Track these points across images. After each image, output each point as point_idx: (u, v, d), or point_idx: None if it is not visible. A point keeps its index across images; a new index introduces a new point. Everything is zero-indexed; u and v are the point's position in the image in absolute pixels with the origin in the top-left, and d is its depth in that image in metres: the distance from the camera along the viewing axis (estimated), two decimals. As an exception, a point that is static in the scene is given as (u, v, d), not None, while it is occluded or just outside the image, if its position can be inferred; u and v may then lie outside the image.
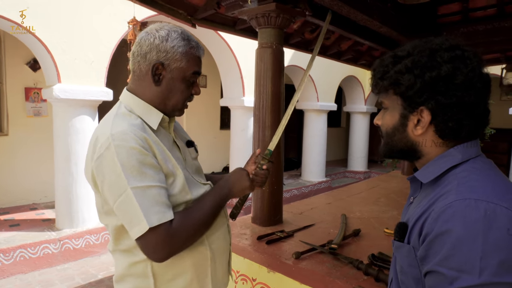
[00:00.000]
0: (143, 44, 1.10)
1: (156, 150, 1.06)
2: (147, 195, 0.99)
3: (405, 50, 0.83)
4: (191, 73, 1.14)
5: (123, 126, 1.03)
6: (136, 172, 0.99)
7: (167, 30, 1.11)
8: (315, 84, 7.90)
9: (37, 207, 5.65)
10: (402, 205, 3.06)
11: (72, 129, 4.36)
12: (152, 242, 1.00)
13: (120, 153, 0.98)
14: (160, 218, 1.00)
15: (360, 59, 4.58)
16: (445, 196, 0.74)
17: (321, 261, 1.83)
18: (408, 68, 0.79)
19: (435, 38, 0.82)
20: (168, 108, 1.15)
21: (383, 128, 0.90)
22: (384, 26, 3.11)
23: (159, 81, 1.12)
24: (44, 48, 4.10)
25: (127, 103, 1.14)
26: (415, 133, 0.83)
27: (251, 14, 2.26)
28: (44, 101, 5.81)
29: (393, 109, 0.86)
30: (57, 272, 4.15)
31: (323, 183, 8.41)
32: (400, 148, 0.87)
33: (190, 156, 1.28)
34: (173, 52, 1.09)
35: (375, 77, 0.88)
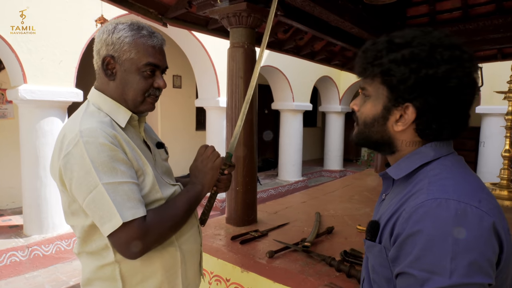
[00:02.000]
0: (96, 42, 1.10)
1: (126, 147, 1.04)
2: (119, 191, 0.97)
3: (403, 38, 0.76)
4: (144, 64, 1.08)
5: (92, 123, 1.01)
6: (107, 168, 0.96)
7: (115, 23, 1.10)
8: (290, 84, 7.96)
9: (3, 213, 5.41)
10: (375, 202, 3.12)
11: (40, 131, 4.20)
12: (126, 237, 0.97)
13: (90, 149, 0.96)
14: (134, 213, 0.98)
15: (333, 59, 4.65)
16: (416, 195, 0.72)
17: (295, 259, 1.83)
18: (405, 59, 0.74)
19: (435, 31, 0.77)
20: (130, 103, 1.12)
21: (361, 116, 0.86)
22: (355, 27, 3.17)
23: (112, 75, 1.09)
24: (8, 47, 3.93)
25: (94, 101, 1.12)
26: (395, 128, 0.80)
27: (222, 13, 2.25)
28: (9, 103, 5.58)
29: (376, 98, 0.81)
30: (26, 280, 3.98)
31: (300, 182, 8.48)
32: (375, 140, 0.84)
33: (160, 157, 1.26)
34: (120, 43, 1.06)
35: (364, 60, 0.81)
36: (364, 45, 0.84)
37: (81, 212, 1.05)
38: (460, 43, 0.76)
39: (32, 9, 4.05)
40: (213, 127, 6.51)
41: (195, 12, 2.61)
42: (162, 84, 1.13)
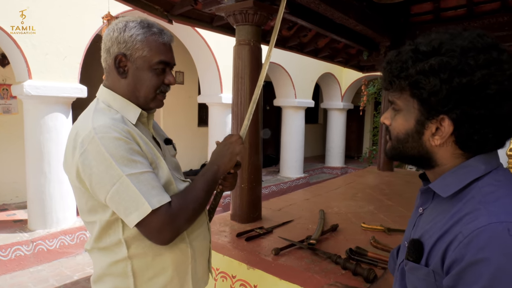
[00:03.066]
0: (105, 39, 1.11)
1: (140, 141, 1.06)
2: (142, 181, 0.99)
3: (430, 45, 0.70)
4: (156, 62, 1.09)
5: (104, 120, 1.02)
6: (126, 161, 0.98)
7: (125, 21, 1.10)
8: (292, 81, 7.96)
9: (8, 208, 5.45)
10: (378, 200, 3.15)
11: (44, 127, 4.22)
12: (156, 224, 1.00)
13: (106, 144, 0.97)
14: (160, 200, 1.00)
15: (336, 56, 4.65)
16: (473, 216, 0.64)
17: (300, 256, 1.85)
18: (434, 70, 0.67)
19: (465, 32, 0.70)
20: (141, 100, 1.13)
21: (394, 131, 0.80)
22: (359, 24, 3.16)
23: (124, 73, 1.10)
24: (13, 43, 3.94)
25: (104, 98, 1.13)
26: (432, 142, 0.73)
27: (229, 11, 2.25)
28: (14, 98, 5.59)
29: (407, 112, 0.75)
30: (30, 274, 4.02)
31: (301, 179, 8.50)
32: (411, 155, 0.78)
33: (169, 153, 1.27)
34: (132, 41, 1.07)
35: (390, 73, 0.75)
36: (387, 56, 0.78)
37: (99, 208, 1.06)
38: (497, 42, 0.69)
39: (36, 5, 4.05)
40: (216, 123, 6.52)
41: (201, 9, 2.61)
42: (173, 80, 1.15)
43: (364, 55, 4.42)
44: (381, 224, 2.34)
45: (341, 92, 9.81)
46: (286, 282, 1.70)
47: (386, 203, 3.02)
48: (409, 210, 2.77)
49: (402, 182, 3.96)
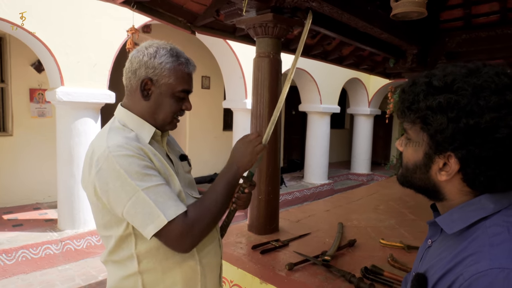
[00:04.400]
0: (134, 61, 1.15)
1: (153, 158, 1.10)
2: (159, 192, 1.03)
3: (443, 80, 0.68)
4: (179, 90, 1.16)
5: (118, 139, 1.07)
6: (141, 176, 1.03)
7: (156, 47, 1.15)
8: (318, 86, 7.89)
9: (40, 207, 5.71)
10: (400, 213, 3.06)
11: (74, 131, 4.40)
12: (174, 234, 1.04)
13: (121, 162, 1.02)
14: (176, 210, 1.04)
15: (362, 64, 4.57)
16: (475, 258, 0.62)
17: (314, 273, 1.83)
18: (442, 107, 0.66)
19: (484, 67, 0.68)
20: (158, 122, 1.18)
21: (404, 159, 0.80)
22: (385, 32, 3.10)
23: (148, 96, 1.15)
24: (48, 51, 4.14)
25: (120, 117, 1.18)
26: (439, 178, 0.72)
27: (249, 23, 2.27)
28: (48, 102, 5.87)
29: (417, 143, 0.75)
30: (58, 272, 4.20)
31: (326, 185, 8.40)
32: (419, 186, 0.78)
33: (183, 170, 1.29)
34: (161, 68, 1.12)
35: (403, 104, 0.75)
36: (404, 84, 0.77)
37: (114, 223, 1.11)
38: None
39: (69, 14, 4.25)
40: (240, 128, 6.56)
41: (223, 20, 2.64)
42: (190, 107, 1.22)
43: (391, 62, 4.31)
44: (401, 240, 2.27)
45: (368, 97, 9.62)
46: (298, 299, 1.69)
47: (409, 217, 2.93)
48: (432, 227, 2.68)
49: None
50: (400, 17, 1.75)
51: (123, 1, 2.28)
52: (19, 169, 5.72)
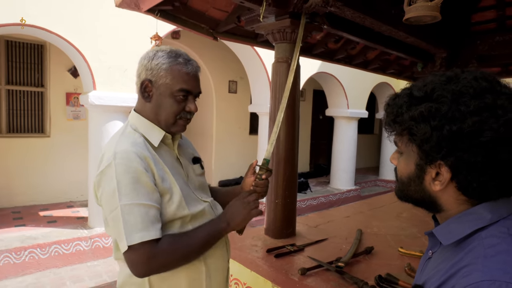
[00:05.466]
0: (138, 66, 1.21)
1: (155, 168, 1.11)
2: (134, 212, 1.04)
3: (422, 90, 0.69)
4: (177, 90, 1.16)
5: (127, 145, 1.11)
6: (129, 189, 1.04)
7: (156, 50, 1.19)
8: (345, 91, 7.79)
9: (73, 205, 6.00)
10: (423, 222, 2.97)
11: (105, 133, 4.59)
12: (132, 259, 1.05)
13: (118, 171, 1.05)
14: (142, 236, 1.03)
15: (388, 68, 4.48)
16: (468, 270, 0.61)
17: (327, 279, 1.82)
18: (424, 117, 0.66)
19: (462, 73, 0.68)
20: (162, 124, 1.20)
21: (398, 173, 0.79)
22: (410, 36, 3.03)
23: (148, 97, 1.19)
24: (82, 58, 4.37)
25: (132, 122, 1.23)
26: (433, 188, 0.71)
27: (268, 29, 2.30)
28: (82, 106, 6.17)
29: (408, 155, 0.74)
30: (87, 268, 4.39)
31: (352, 191, 8.25)
32: (416, 199, 0.77)
33: (194, 173, 1.31)
34: (158, 69, 1.15)
35: (388, 117, 0.76)
36: (387, 98, 0.78)
37: None
38: (494, 85, 0.65)
39: (101, 22, 4.46)
40: (265, 132, 6.58)
41: (244, 26, 2.69)
42: (194, 108, 1.21)
43: (418, 66, 4.20)
44: (421, 250, 2.21)
45: (398, 102, 9.37)
46: (309, 304, 1.68)
47: (432, 226, 2.83)
48: (455, 236, 2.58)
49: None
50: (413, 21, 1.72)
51: (148, 10, 2.37)
52: (55, 168, 6.04)
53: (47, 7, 4.08)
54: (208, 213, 1.27)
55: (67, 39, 4.23)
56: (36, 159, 5.87)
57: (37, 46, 5.88)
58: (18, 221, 5.03)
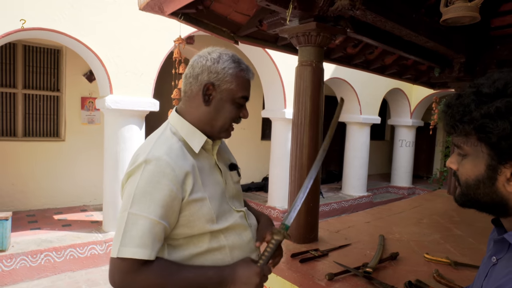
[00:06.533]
0: (196, 66, 1.14)
1: (188, 178, 1.05)
2: (137, 225, 0.99)
3: (493, 86, 0.66)
4: (239, 97, 1.14)
5: (161, 152, 1.05)
6: (143, 199, 1.00)
7: (219, 52, 1.15)
8: (358, 96, 7.76)
9: (87, 209, 6.03)
10: (446, 228, 2.93)
11: (121, 137, 4.62)
12: (114, 267, 1.00)
13: (142, 178, 1.01)
14: (135, 253, 0.97)
15: (405, 73, 4.45)
16: None
17: (355, 284, 1.79)
18: (501, 113, 0.63)
19: None
20: (215, 129, 1.16)
21: (462, 177, 0.75)
22: (431, 41, 3.01)
23: (208, 101, 1.13)
24: (99, 62, 4.41)
25: (173, 124, 1.17)
26: (508, 188, 0.67)
27: (292, 32, 2.30)
28: (97, 110, 6.23)
29: (475, 157, 0.71)
30: (102, 272, 4.39)
31: (364, 197, 8.18)
32: (484, 202, 0.73)
33: (232, 180, 1.25)
34: (224, 73, 1.11)
35: (451, 118, 0.72)
36: (447, 99, 0.75)
37: None
38: None
39: (119, 27, 4.51)
40: (278, 138, 6.58)
41: (266, 30, 2.70)
42: (247, 115, 1.20)
43: (436, 72, 4.17)
44: (447, 256, 2.17)
45: (410, 108, 9.31)
46: (338, 310, 1.65)
47: (455, 233, 2.79)
48: (480, 243, 2.54)
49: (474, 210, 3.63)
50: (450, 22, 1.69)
51: (171, 13, 2.39)
52: (69, 172, 6.09)
53: (65, 12, 4.14)
54: (240, 225, 1.19)
55: (85, 43, 4.29)
56: (50, 163, 5.93)
57: (53, 51, 5.96)
58: (33, 225, 5.06)
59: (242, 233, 1.19)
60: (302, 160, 2.32)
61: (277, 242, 1.14)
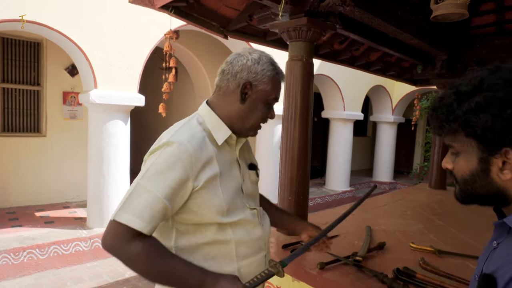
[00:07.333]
0: (236, 64, 1.18)
1: (205, 168, 1.09)
2: (141, 197, 1.03)
3: (470, 84, 0.71)
4: (272, 98, 1.21)
5: (183, 137, 1.09)
6: (155, 175, 1.05)
7: (259, 54, 1.21)
8: (342, 93, 7.88)
9: (70, 206, 5.92)
10: (428, 219, 3.03)
11: (105, 133, 4.56)
12: (109, 230, 1.05)
13: (161, 156, 1.06)
14: (131, 220, 1.01)
15: (389, 70, 4.56)
16: None
17: (345, 272, 1.84)
18: (481, 106, 0.67)
19: (503, 64, 0.71)
20: (246, 126, 1.21)
21: (458, 174, 0.78)
22: (415, 38, 3.10)
23: (244, 100, 1.18)
24: (83, 55, 4.33)
25: (202, 115, 1.21)
26: (503, 178, 0.70)
27: (283, 27, 2.33)
28: (79, 105, 6.10)
29: (467, 153, 0.74)
30: (87, 269, 4.33)
31: (347, 192, 8.33)
32: (482, 195, 0.76)
33: (249, 179, 1.29)
34: (262, 74, 1.17)
35: (438, 119, 0.76)
36: (432, 103, 0.79)
37: None
38: None
39: (103, 20, 4.43)
40: (264, 133, 6.62)
41: (256, 25, 2.71)
42: (274, 116, 1.26)
43: (418, 69, 4.29)
44: (431, 245, 2.26)
45: (392, 105, 9.52)
46: (330, 297, 1.70)
47: (437, 223, 2.90)
48: (461, 232, 2.65)
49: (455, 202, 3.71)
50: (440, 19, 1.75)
51: (162, 6, 2.38)
52: (51, 168, 5.96)
53: (48, 3, 4.03)
54: (251, 221, 1.22)
55: (68, 36, 4.19)
56: (31, 159, 5.78)
57: (33, 44, 5.80)
58: (14, 222, 4.93)
59: (251, 230, 1.22)
60: (293, 153, 2.36)
61: (270, 273, 1.16)
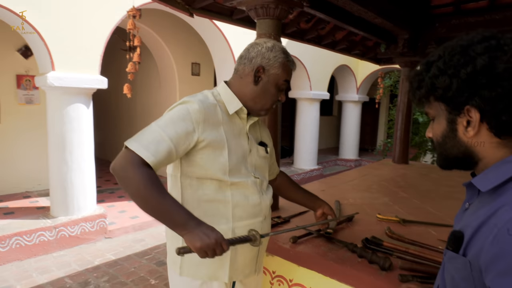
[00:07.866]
0: (252, 50, 1.37)
1: (212, 127, 1.28)
2: (152, 133, 1.21)
3: (436, 55, 0.79)
4: (283, 80, 1.38)
5: (197, 98, 1.30)
6: (167, 121, 1.24)
7: (273, 43, 1.39)
8: (308, 73, 7.95)
9: (31, 195, 5.66)
10: (393, 192, 3.18)
11: (66, 117, 4.35)
12: (121, 154, 1.20)
13: (175, 110, 1.27)
14: (138, 149, 1.17)
15: (353, 49, 4.64)
16: (508, 208, 0.66)
17: (317, 245, 1.91)
18: (441, 69, 0.76)
19: (466, 35, 0.77)
20: (257, 106, 1.39)
21: (434, 139, 0.85)
22: (379, 17, 3.16)
23: (257, 82, 1.36)
24: (38, 35, 4.05)
25: (218, 89, 1.41)
26: (467, 135, 0.76)
27: (250, 5, 2.29)
28: (36, 89, 5.76)
29: (438, 116, 0.81)
30: (54, 259, 4.19)
31: (315, 170, 8.53)
32: (455, 155, 0.81)
33: (257, 152, 1.46)
34: (275, 60, 1.35)
35: (413, 88, 0.84)
36: (408, 77, 0.89)
37: None
38: (495, 33, 0.74)
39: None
40: (231, 115, 6.58)
41: (222, 3, 2.65)
42: (284, 99, 1.44)
43: (382, 47, 4.39)
44: (396, 215, 2.38)
45: (357, 84, 9.75)
46: (304, 268, 1.77)
47: (401, 195, 3.04)
48: (423, 203, 2.80)
49: (417, 175, 3.97)
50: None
51: (123, -19, 2.26)
52: (8, 157, 5.64)
53: (-4, -21, 3.73)
54: (252, 187, 1.39)
55: (19, 14, 3.90)
56: (-15, 147, 5.44)
57: (-20, 24, 5.36)
58: (-30, 214, 4.67)
59: (250, 196, 1.38)
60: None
61: (247, 238, 1.29)
